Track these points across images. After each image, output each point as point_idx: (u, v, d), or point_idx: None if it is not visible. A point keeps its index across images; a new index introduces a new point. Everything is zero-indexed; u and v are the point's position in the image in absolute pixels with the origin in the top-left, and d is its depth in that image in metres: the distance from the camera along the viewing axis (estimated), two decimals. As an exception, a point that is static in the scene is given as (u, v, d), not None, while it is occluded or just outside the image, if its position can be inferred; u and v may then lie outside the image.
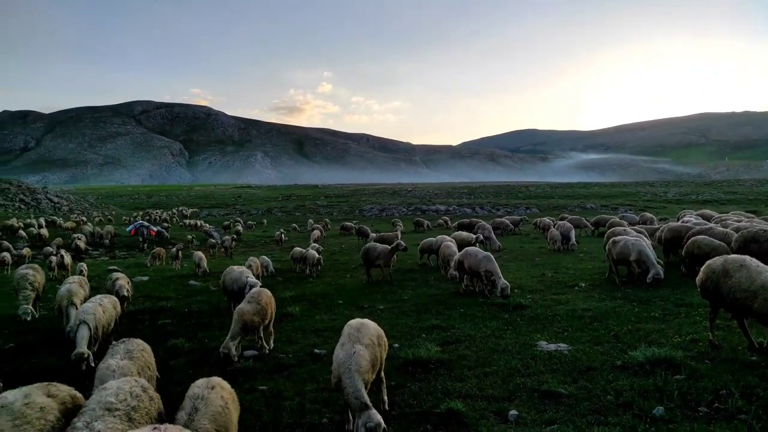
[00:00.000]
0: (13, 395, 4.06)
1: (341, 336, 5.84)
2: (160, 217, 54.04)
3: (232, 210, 73.64)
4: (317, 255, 17.69)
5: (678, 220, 18.77)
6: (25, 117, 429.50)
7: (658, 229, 16.96)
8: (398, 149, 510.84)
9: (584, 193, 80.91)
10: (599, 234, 26.86)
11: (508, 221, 31.58)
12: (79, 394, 4.55)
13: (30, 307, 11.33)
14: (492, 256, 11.91)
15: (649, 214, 25.66)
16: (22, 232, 29.99)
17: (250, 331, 8.34)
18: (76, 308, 9.73)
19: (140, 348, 5.93)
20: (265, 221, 48.70)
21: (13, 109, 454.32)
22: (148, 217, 49.05)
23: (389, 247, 15.02)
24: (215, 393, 4.54)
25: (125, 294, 11.14)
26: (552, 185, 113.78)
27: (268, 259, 17.34)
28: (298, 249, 18.64)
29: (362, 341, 5.61)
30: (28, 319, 11.03)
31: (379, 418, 4.83)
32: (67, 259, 16.65)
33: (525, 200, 70.33)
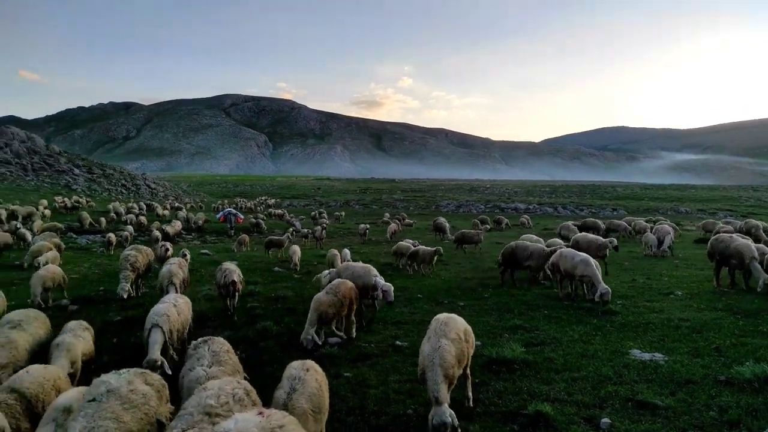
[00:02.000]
0: (116, 381, 4.24)
1: (428, 329, 5.87)
2: (245, 205, 56.71)
3: (311, 201, 75.85)
4: (430, 250, 16.08)
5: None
6: (127, 108, 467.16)
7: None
8: (476, 145, 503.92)
9: (678, 196, 75.62)
10: (698, 240, 25.09)
11: (625, 224, 27.89)
12: (166, 384, 4.76)
13: (127, 285, 12.12)
14: (590, 260, 11.18)
15: (754, 221, 23.51)
16: (131, 216, 32.22)
17: (325, 323, 8.46)
18: (176, 288, 10.46)
19: (225, 349, 5.54)
20: (342, 213, 49.65)
21: (118, 101, 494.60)
22: (234, 205, 51.62)
23: (546, 249, 13.29)
24: (310, 375, 4.75)
25: (235, 279, 10.51)
26: (642, 186, 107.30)
27: (348, 251, 17.49)
28: (404, 243, 17.87)
29: (448, 336, 5.60)
30: (124, 296, 11.80)
31: (445, 417, 4.84)
32: (170, 252, 17.01)
33: (611, 201, 66.94)
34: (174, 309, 7.32)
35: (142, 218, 31.62)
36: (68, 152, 77.97)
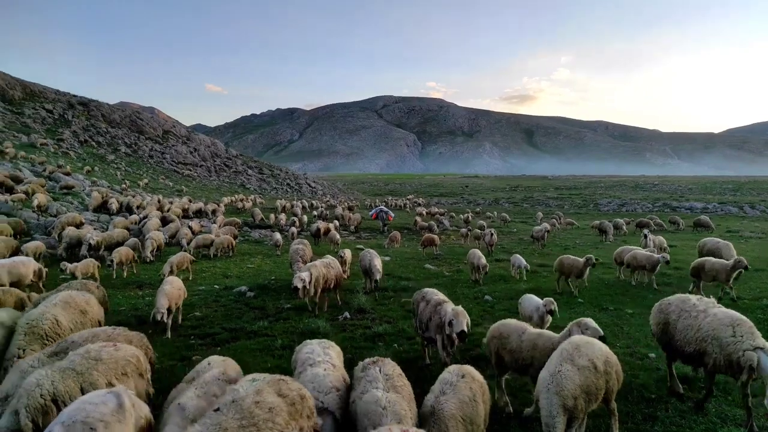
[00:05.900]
0: (245, 389, 3.88)
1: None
2: (395, 203, 58.51)
3: (459, 199, 75.68)
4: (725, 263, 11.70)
5: None
6: (291, 113, 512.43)
7: None
8: (641, 137, 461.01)
9: None
10: None
11: None
12: (308, 394, 4.19)
13: None
14: None
15: None
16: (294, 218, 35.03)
17: None
18: (302, 262, 11.08)
19: (398, 372, 4.83)
20: (507, 216, 47.96)
21: (283, 107, 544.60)
22: (385, 203, 53.58)
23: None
24: (464, 382, 4.55)
25: (465, 329, 6.52)
26: None
27: (521, 258, 15.83)
28: (641, 252, 14.26)
29: (575, 362, 4.78)
30: (299, 287, 12.73)
31: None
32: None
33: (815, 199, 56.51)
34: (336, 371, 5.03)
35: (304, 216, 34.16)
36: (243, 155, 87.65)
